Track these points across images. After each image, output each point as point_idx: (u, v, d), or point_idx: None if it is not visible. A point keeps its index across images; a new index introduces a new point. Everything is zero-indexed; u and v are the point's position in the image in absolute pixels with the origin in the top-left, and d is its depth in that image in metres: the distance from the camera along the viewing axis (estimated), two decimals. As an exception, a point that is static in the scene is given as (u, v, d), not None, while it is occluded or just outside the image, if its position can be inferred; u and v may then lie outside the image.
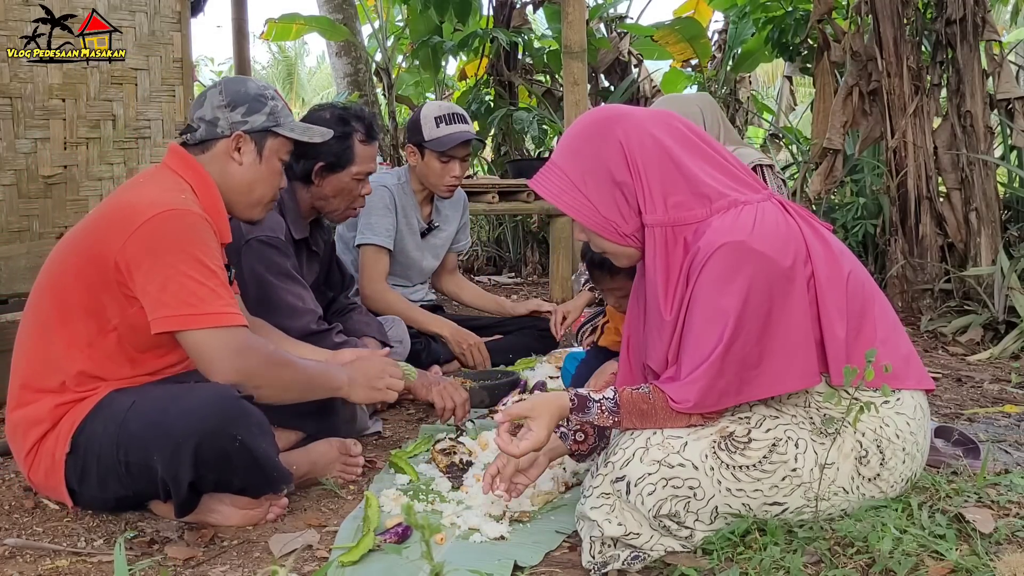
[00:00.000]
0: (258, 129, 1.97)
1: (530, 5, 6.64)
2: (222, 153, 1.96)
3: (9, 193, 3.17)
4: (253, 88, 2.00)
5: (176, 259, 1.74)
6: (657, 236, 1.61)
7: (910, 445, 1.63)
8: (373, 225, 3.10)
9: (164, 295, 1.74)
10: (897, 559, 1.42)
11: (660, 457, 1.54)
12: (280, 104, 2.03)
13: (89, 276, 1.81)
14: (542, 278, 5.80)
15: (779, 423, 1.60)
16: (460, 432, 2.41)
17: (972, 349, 3.48)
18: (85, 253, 1.82)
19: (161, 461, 1.71)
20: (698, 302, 1.55)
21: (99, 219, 1.86)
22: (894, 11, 4.11)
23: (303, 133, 2.05)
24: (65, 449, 1.80)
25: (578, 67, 4.51)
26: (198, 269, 1.75)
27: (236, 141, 1.96)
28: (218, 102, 1.97)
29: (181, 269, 1.74)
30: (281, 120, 2.01)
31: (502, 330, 3.36)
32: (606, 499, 1.56)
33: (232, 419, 1.73)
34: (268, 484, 1.84)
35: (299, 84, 19.20)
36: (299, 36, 7.08)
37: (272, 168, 2.01)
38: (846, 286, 1.60)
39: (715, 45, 6.76)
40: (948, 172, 4.08)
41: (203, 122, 1.96)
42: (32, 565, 1.68)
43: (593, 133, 1.64)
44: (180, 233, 1.76)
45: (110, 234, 1.79)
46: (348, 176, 2.55)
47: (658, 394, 1.58)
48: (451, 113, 3.12)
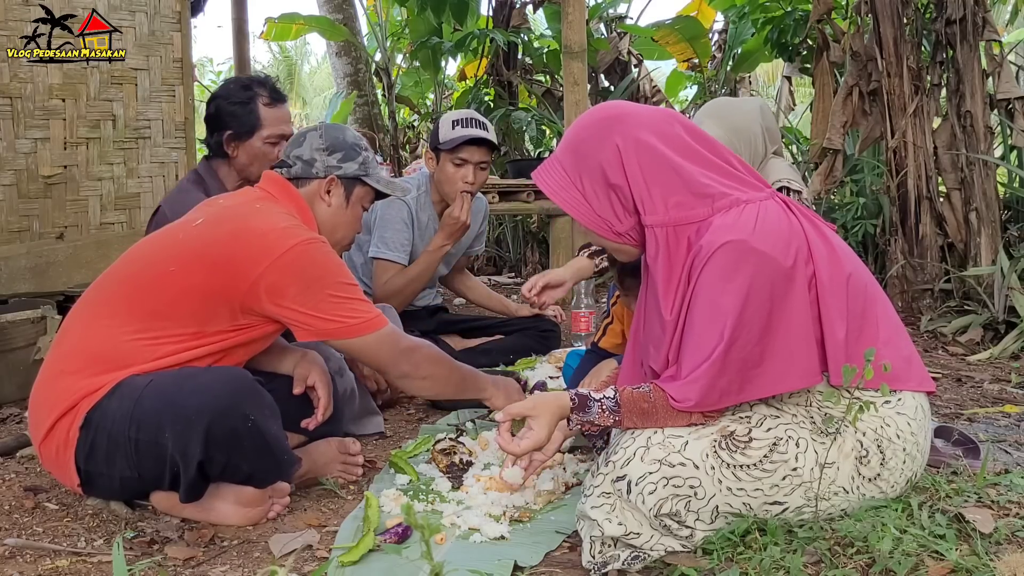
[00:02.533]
0: (350, 176, 2.13)
1: (530, 5, 6.64)
2: (313, 192, 2.11)
3: (9, 193, 3.17)
4: (351, 137, 2.17)
5: (324, 284, 1.91)
6: (659, 236, 1.61)
7: (911, 446, 1.63)
8: (388, 240, 3.08)
9: (323, 313, 1.91)
10: (897, 559, 1.42)
11: (661, 456, 1.54)
12: (371, 155, 2.18)
13: (212, 287, 1.87)
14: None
15: (780, 422, 1.60)
16: (460, 432, 2.41)
17: (972, 349, 3.48)
18: (211, 267, 1.87)
19: (172, 437, 1.73)
20: (699, 301, 1.55)
21: (229, 239, 1.90)
22: (894, 11, 4.11)
23: (387, 186, 2.22)
24: (78, 424, 1.80)
25: (578, 67, 4.51)
26: (343, 288, 1.94)
27: (329, 184, 2.11)
28: (318, 145, 2.12)
29: (330, 292, 1.92)
30: (370, 171, 2.17)
31: (504, 330, 3.37)
32: (607, 498, 1.56)
33: (245, 399, 1.78)
34: (277, 467, 1.86)
35: (299, 84, 19.20)
36: (299, 36, 7.08)
37: (355, 214, 2.18)
38: (847, 287, 1.60)
39: (715, 45, 6.76)
40: (948, 172, 4.08)
41: (300, 160, 2.12)
42: (32, 565, 1.68)
43: (592, 134, 1.64)
44: (323, 261, 1.94)
45: (247, 258, 1.88)
46: (259, 141, 2.51)
47: (659, 393, 1.58)
48: (468, 117, 3.10)
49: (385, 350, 2.00)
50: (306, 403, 2.17)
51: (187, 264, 1.89)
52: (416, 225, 3.16)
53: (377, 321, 1.98)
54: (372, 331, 1.96)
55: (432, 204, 3.21)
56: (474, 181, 3.09)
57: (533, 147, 6.53)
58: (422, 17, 6.16)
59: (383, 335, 1.98)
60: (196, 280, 1.87)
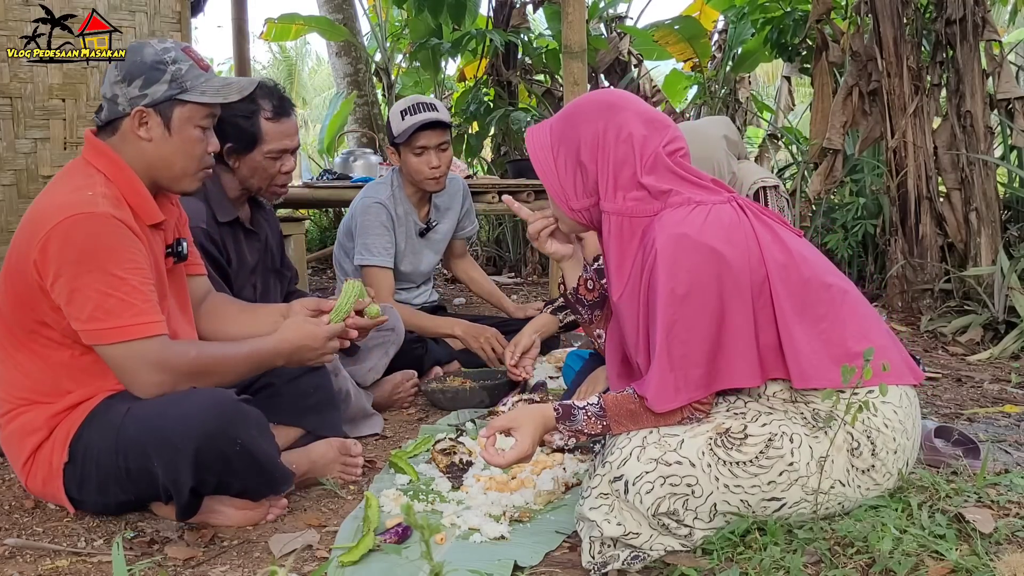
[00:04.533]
0: (161, 100, 1.80)
1: (529, 5, 6.63)
2: (128, 132, 1.81)
3: (9, 193, 3.17)
4: (150, 55, 1.80)
5: (80, 270, 1.67)
6: (612, 223, 1.67)
7: (899, 435, 1.63)
8: (370, 246, 3.07)
9: (72, 308, 1.70)
10: (897, 559, 1.42)
11: (657, 455, 1.54)
12: (185, 67, 1.82)
13: (20, 293, 1.76)
14: (542, 278, 5.80)
15: (773, 418, 1.60)
16: (460, 432, 2.41)
17: (972, 349, 3.48)
18: (12, 270, 1.78)
19: (161, 467, 1.70)
20: (652, 296, 1.59)
21: (19, 229, 1.80)
22: (894, 11, 4.11)
23: (216, 94, 1.85)
24: (63, 458, 1.78)
25: (578, 67, 4.51)
26: (103, 279, 1.68)
27: (138, 117, 1.80)
28: (114, 77, 1.81)
29: (86, 281, 1.67)
30: (188, 84, 1.82)
31: (504, 331, 3.34)
32: (604, 499, 1.56)
33: (231, 422, 1.72)
34: (270, 485, 1.84)
35: (300, 84, 19.20)
36: (299, 36, 7.07)
37: (187, 137, 1.84)
38: (805, 289, 1.61)
39: (715, 45, 6.76)
40: (948, 172, 4.08)
41: (105, 100, 1.83)
42: (32, 565, 1.68)
43: (586, 111, 1.69)
44: (83, 242, 1.68)
45: (26, 243, 1.72)
46: (260, 155, 2.44)
47: (636, 394, 1.61)
48: (415, 104, 3.07)
49: (128, 367, 1.71)
50: (301, 396, 2.17)
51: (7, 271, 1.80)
52: (396, 223, 3.16)
53: (131, 330, 1.69)
54: (118, 340, 1.69)
55: (407, 197, 3.22)
56: (439, 164, 3.07)
57: (533, 147, 6.52)
58: (421, 18, 6.16)
59: (135, 348, 1.69)
60: (13, 287, 1.77)
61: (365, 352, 2.72)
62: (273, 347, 1.89)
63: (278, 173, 2.50)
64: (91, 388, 1.81)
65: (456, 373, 2.99)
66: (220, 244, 2.41)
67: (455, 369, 3.09)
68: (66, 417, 1.80)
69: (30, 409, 1.82)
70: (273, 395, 2.15)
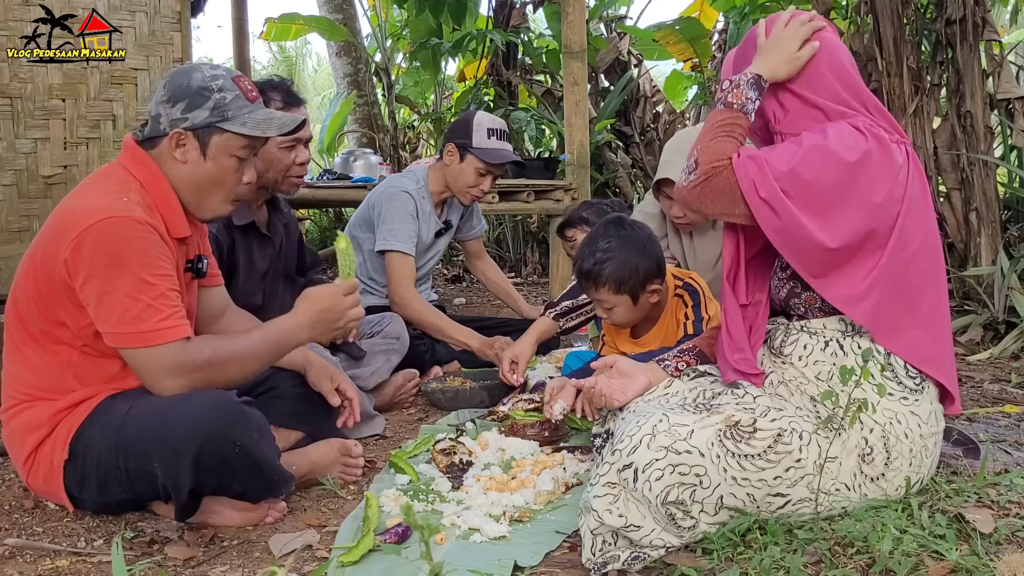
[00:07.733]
0: (200, 126, 1.83)
1: (530, 5, 6.63)
2: (166, 151, 1.85)
3: (9, 193, 3.17)
4: (197, 80, 1.84)
5: (111, 273, 1.69)
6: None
7: (918, 448, 1.63)
8: (396, 232, 3.06)
9: (100, 311, 1.71)
10: (897, 559, 1.42)
11: (667, 443, 1.54)
12: (230, 96, 1.85)
13: (43, 290, 1.77)
14: (542, 278, 5.81)
15: (784, 414, 1.61)
16: (460, 432, 2.41)
17: (972, 349, 3.48)
18: (38, 267, 1.79)
19: (161, 468, 1.70)
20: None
21: (48, 228, 1.81)
22: (894, 11, 4.11)
23: (256, 127, 1.87)
24: (63, 456, 1.79)
25: (578, 67, 4.51)
26: (133, 284, 1.70)
27: (177, 139, 1.84)
28: (161, 96, 1.86)
29: (116, 285, 1.69)
30: (229, 114, 1.85)
31: (504, 331, 3.36)
32: (611, 488, 1.56)
33: (232, 424, 1.71)
34: (269, 488, 1.84)
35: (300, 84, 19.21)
36: (299, 36, 7.08)
37: (221, 166, 1.86)
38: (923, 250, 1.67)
39: (715, 45, 6.76)
40: (948, 172, 4.08)
41: (150, 117, 1.87)
42: (32, 565, 1.68)
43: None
44: (116, 245, 1.69)
45: (56, 243, 1.74)
46: (273, 146, 2.43)
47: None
48: (503, 130, 3.19)
49: (149, 371, 1.73)
50: (303, 399, 2.17)
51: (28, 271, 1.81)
52: (420, 218, 3.17)
53: (155, 335, 1.71)
54: (141, 346, 1.71)
55: (431, 195, 3.23)
56: (487, 190, 3.21)
57: (533, 147, 6.53)
58: (421, 18, 6.16)
59: (156, 353, 1.72)
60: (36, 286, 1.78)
61: (369, 357, 2.74)
62: (292, 321, 1.88)
63: (293, 164, 2.50)
64: (94, 387, 1.82)
65: (456, 373, 2.99)
66: (228, 250, 2.41)
67: (455, 369, 3.09)
68: (68, 415, 1.81)
69: (34, 405, 1.83)
70: (275, 397, 2.16)
